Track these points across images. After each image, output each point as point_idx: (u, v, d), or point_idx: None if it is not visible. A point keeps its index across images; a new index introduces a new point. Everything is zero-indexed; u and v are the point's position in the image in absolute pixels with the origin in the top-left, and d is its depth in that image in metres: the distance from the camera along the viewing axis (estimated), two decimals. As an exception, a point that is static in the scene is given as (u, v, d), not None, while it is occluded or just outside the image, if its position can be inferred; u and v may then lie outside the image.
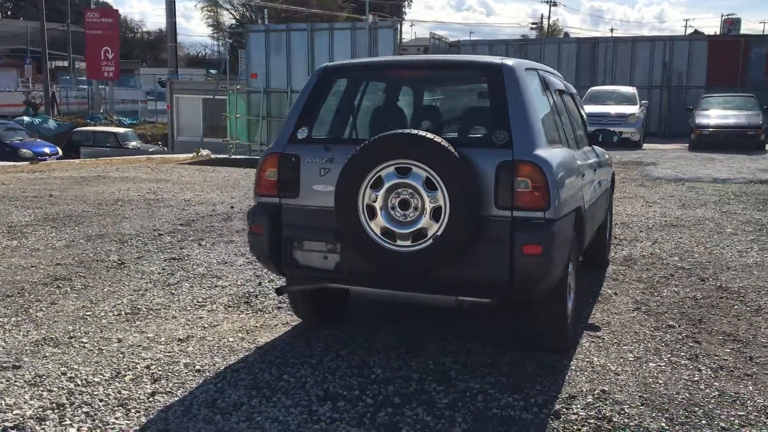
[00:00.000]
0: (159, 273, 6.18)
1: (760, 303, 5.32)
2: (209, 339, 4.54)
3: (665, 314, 5.06)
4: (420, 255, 3.62)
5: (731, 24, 51.11)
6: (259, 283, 5.84)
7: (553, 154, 3.76)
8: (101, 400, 3.62)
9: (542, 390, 3.73)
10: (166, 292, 5.59)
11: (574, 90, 5.77)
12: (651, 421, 3.36)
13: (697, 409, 3.51)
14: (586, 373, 3.97)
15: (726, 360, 4.19)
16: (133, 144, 25.17)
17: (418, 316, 4.92)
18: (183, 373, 3.99)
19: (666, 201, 10.45)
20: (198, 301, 5.36)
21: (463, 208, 3.51)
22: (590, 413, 3.45)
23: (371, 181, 3.64)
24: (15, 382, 3.83)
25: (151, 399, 3.65)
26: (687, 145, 19.48)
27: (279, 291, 4.49)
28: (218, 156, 18.90)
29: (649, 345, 4.42)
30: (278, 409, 3.52)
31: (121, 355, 4.24)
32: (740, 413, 3.47)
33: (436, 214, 3.56)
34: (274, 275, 5.98)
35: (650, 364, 4.12)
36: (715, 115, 19.13)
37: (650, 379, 3.88)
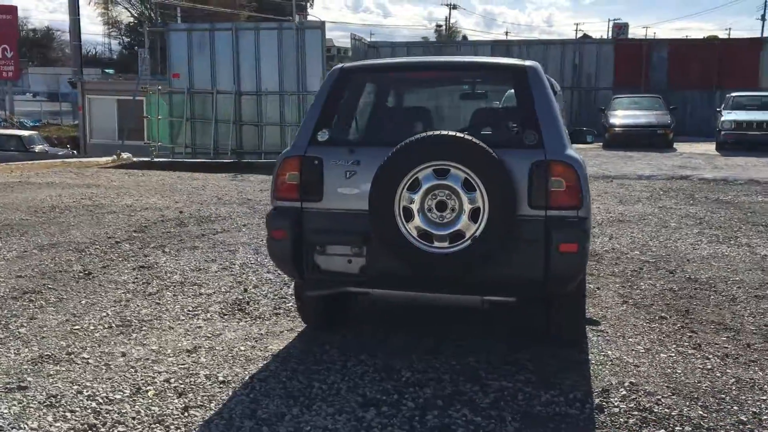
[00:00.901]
0: (134, 282, 5.92)
1: (732, 293, 5.63)
2: (218, 349, 4.40)
3: (652, 306, 5.28)
4: (458, 256, 3.64)
5: (619, 29, 53.59)
6: (245, 290, 5.70)
7: (577, 154, 3.86)
8: (134, 419, 3.45)
9: (574, 385, 3.83)
10: (150, 302, 5.37)
11: (559, 89, 5.95)
12: (689, 410, 3.51)
13: (723, 395, 3.69)
14: (607, 366, 4.10)
15: (727, 348, 4.42)
16: (39, 147, 23.86)
17: (421, 319, 4.94)
18: (207, 385, 3.85)
19: (603, 197, 10.88)
20: (188, 310, 5.17)
21: (502, 208, 3.55)
22: (630, 405, 3.57)
23: (408, 183, 3.63)
24: (29, 404, 3.60)
25: (185, 414, 3.50)
26: (601, 144, 20.35)
27: (297, 295, 4.42)
28: (141, 159, 18.24)
29: (653, 337, 4.61)
30: (323, 418, 3.45)
31: (133, 370, 4.05)
32: (763, 398, 3.67)
33: (474, 215, 3.59)
34: (257, 281, 5.87)
35: (661, 355, 4.29)
36: (627, 115, 20.07)
37: (668, 370, 4.05)
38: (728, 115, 18.52)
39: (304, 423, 3.40)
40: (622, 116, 19.91)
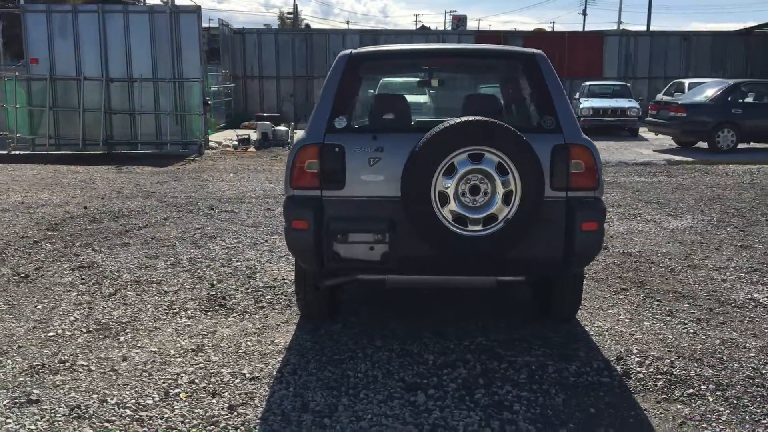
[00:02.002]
0: (82, 284, 5.53)
1: (667, 264, 6.18)
2: (224, 346, 4.25)
3: (608, 279, 5.69)
4: (491, 238, 3.75)
5: (459, 21, 55.81)
6: (212, 285, 5.50)
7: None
8: (183, 422, 3.29)
9: (590, 355, 4.08)
10: (115, 304, 5.05)
11: None
12: (700, 370, 3.87)
13: (720, 356, 4.09)
14: (606, 336, 4.40)
15: (694, 313, 4.87)
16: None
17: (408, 305, 5.02)
18: (237, 383, 3.72)
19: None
20: (164, 309, 4.93)
21: (533, 190, 3.71)
22: (650, 370, 3.87)
23: (444, 169, 3.69)
24: (54, 418, 3.33)
25: (234, 413, 3.39)
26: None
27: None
28: (-2, 152, 16.69)
29: (627, 307, 4.98)
30: (376, 405, 3.47)
31: (146, 374, 3.83)
32: (751, 355, 4.11)
33: (506, 198, 3.72)
34: (218, 276, 5.70)
35: (645, 323, 4.66)
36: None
37: (660, 336, 4.41)
38: (585, 103, 19.86)
39: (361, 412, 3.39)
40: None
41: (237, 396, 3.56)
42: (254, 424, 3.27)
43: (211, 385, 3.68)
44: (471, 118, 3.73)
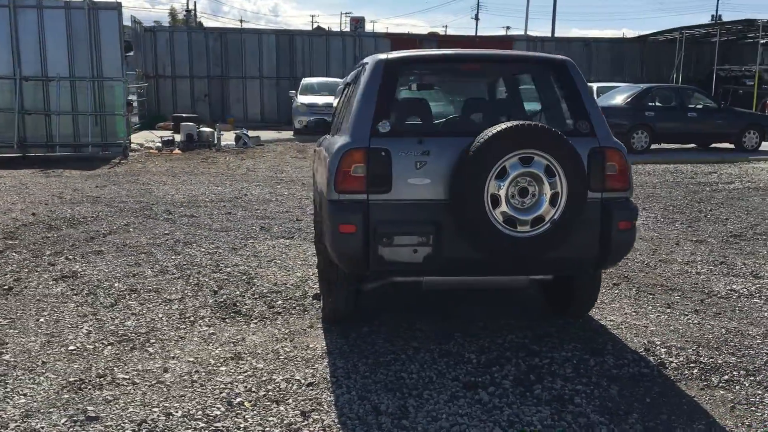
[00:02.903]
0: (76, 294, 5.30)
1: (641, 259, 6.54)
2: (261, 353, 4.20)
3: (596, 276, 5.97)
4: (538, 239, 3.90)
5: (357, 23, 56.05)
6: (215, 292, 5.40)
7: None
8: (264, 431, 3.25)
9: (618, 348, 4.31)
10: (123, 314, 4.88)
11: None
12: (725, 358, 4.17)
13: (732, 344, 4.41)
14: (623, 330, 4.65)
15: (688, 305, 5.21)
16: None
17: (430, 307, 5.10)
18: (296, 389, 3.71)
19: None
20: (177, 318, 4.81)
21: (578, 192, 3.88)
22: (681, 360, 4.14)
23: (497, 172, 3.80)
24: (125, 433, 3.20)
25: (310, 419, 3.38)
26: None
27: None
28: None
29: (625, 302, 5.27)
30: (444, 405, 3.54)
31: (197, 384, 3.74)
32: (758, 341, 4.46)
33: (553, 199, 3.88)
34: (216, 282, 5.60)
35: (651, 315, 4.96)
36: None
37: (671, 327, 4.70)
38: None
39: (434, 412, 3.46)
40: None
41: (303, 402, 3.54)
42: (336, 429, 3.27)
43: (270, 393, 3.65)
44: (522, 122, 3.87)
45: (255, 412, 3.44)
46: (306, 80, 22.41)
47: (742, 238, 7.49)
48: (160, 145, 16.98)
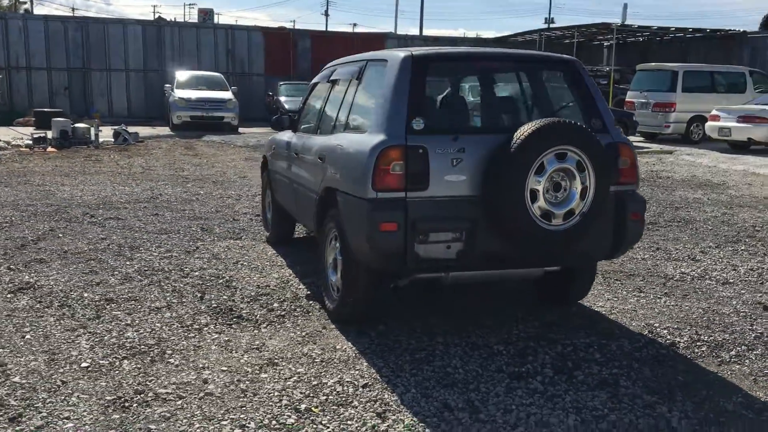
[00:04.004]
0: (46, 307, 4.88)
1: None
2: (293, 357, 4.10)
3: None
4: (569, 232, 4.09)
5: (206, 14, 54.61)
6: (201, 298, 5.16)
7: None
8: (353, 436, 3.20)
9: (624, 332, 4.59)
10: (117, 326, 4.56)
11: None
12: (720, 335, 4.55)
13: (717, 323, 4.82)
14: (617, 315, 4.95)
15: (654, 289, 5.63)
16: None
17: (430, 304, 5.17)
18: (353, 391, 3.66)
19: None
20: (180, 327, 4.56)
21: (604, 185, 4.11)
22: (685, 339, 4.48)
23: (536, 168, 3.94)
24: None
25: (389, 419, 3.36)
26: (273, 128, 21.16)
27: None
28: None
29: (601, 289, 5.57)
30: (505, 396, 3.63)
31: (251, 394, 3.60)
32: (736, 319, 4.92)
33: (582, 193, 4.08)
34: (192, 287, 5.39)
35: (631, 300, 5.31)
36: (300, 101, 21.07)
37: (656, 311, 5.06)
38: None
39: (501, 404, 3.54)
40: (299, 102, 20.83)
41: (369, 404, 3.51)
42: (421, 428, 3.28)
43: (331, 397, 3.58)
44: (557, 119, 4.03)
45: (329, 417, 3.36)
46: (182, 74, 21.58)
47: (659, 226, 8.15)
48: (30, 142, 15.72)
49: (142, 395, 3.55)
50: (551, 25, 36.32)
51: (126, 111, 24.58)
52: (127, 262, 6.08)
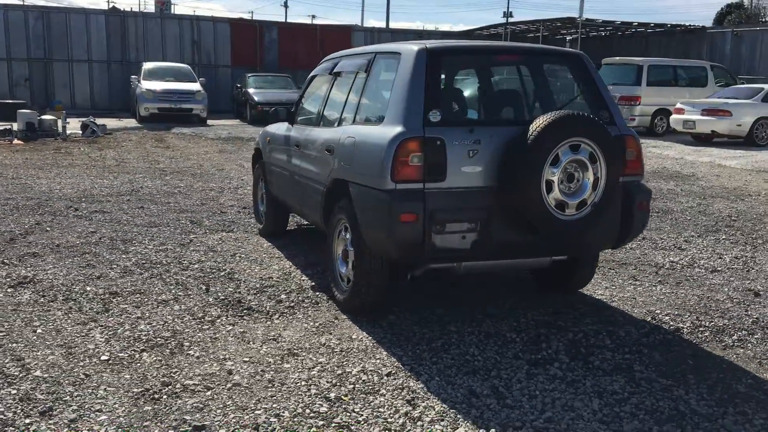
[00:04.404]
0: (50, 301, 4.83)
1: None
2: (311, 347, 4.13)
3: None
4: (581, 221, 4.19)
5: (163, 5, 53.71)
6: (207, 290, 5.14)
7: None
8: (387, 420, 3.26)
9: (628, 319, 4.73)
10: (129, 319, 4.54)
11: None
12: (719, 321, 4.71)
13: (714, 308, 5.00)
14: (618, 302, 5.09)
15: (648, 277, 5.79)
16: None
17: (432, 293, 5.24)
18: (378, 379, 3.71)
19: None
20: (192, 319, 4.56)
21: (614, 176, 4.22)
22: (688, 324, 4.64)
23: (552, 159, 4.03)
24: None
25: (418, 406, 3.42)
26: (241, 120, 21.11)
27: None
28: None
29: (597, 277, 5.70)
30: (528, 382, 3.72)
31: (279, 384, 3.63)
32: (731, 305, 5.09)
33: (594, 184, 4.19)
34: (195, 279, 5.39)
35: (628, 288, 5.45)
36: (273, 93, 20.93)
37: (653, 297, 5.21)
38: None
39: (525, 389, 3.63)
40: (268, 94, 20.79)
41: (397, 392, 3.57)
42: (452, 414, 3.35)
43: (358, 385, 3.63)
44: (572, 112, 4.13)
45: (359, 405, 3.41)
46: (148, 65, 21.24)
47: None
48: (-5, 135, 15.34)
49: (169, 387, 3.55)
50: (509, 19, 36.66)
51: (89, 103, 24.10)
52: (123, 256, 6.02)
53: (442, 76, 4.31)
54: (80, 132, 16.46)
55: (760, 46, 24.07)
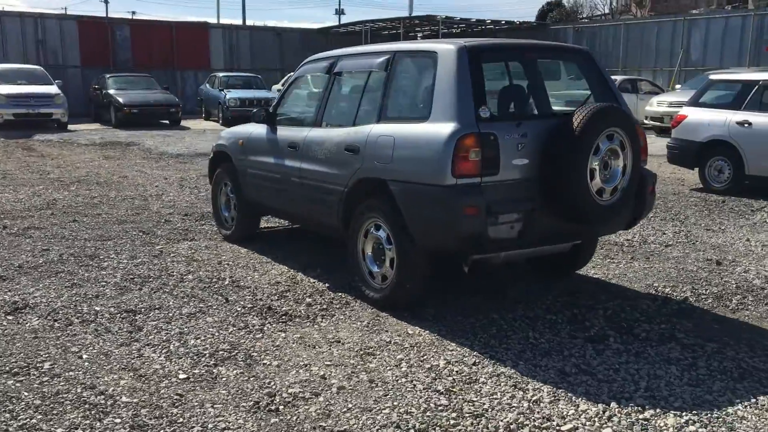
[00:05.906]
0: (67, 325, 4.48)
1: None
2: (380, 346, 4.17)
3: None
4: (614, 206, 4.54)
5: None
6: (225, 300, 4.98)
7: None
8: (509, 408, 3.41)
9: (636, 294, 5.15)
10: (174, 336, 4.32)
11: None
12: (711, 289, 5.25)
13: (698, 278, 5.55)
14: (615, 279, 5.52)
15: (618, 254, 6.29)
16: None
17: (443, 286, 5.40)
18: (470, 371, 3.84)
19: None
20: (233, 329, 4.42)
21: (638, 162, 4.61)
22: (688, 294, 5.13)
23: (594, 148, 4.34)
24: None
25: (527, 388, 3.59)
26: (102, 124, 20.03)
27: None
28: None
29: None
30: (599, 356, 4.01)
31: (382, 383, 3.66)
32: (706, 274, 5.70)
33: (623, 171, 4.55)
34: (206, 288, 5.26)
35: (621, 265, 5.89)
36: (137, 94, 20.00)
37: (640, 273, 5.69)
38: (231, 93, 20.45)
39: (603, 364, 3.90)
40: (133, 95, 19.78)
41: (494, 378, 3.71)
42: (562, 388, 3.55)
43: (455, 377, 3.73)
44: (608, 104, 4.46)
45: (472, 393, 3.53)
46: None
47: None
48: None
49: (277, 396, 3.47)
50: (341, 17, 37.19)
51: None
52: (102, 272, 5.65)
53: (481, 73, 4.47)
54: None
55: (598, 39, 26.32)
